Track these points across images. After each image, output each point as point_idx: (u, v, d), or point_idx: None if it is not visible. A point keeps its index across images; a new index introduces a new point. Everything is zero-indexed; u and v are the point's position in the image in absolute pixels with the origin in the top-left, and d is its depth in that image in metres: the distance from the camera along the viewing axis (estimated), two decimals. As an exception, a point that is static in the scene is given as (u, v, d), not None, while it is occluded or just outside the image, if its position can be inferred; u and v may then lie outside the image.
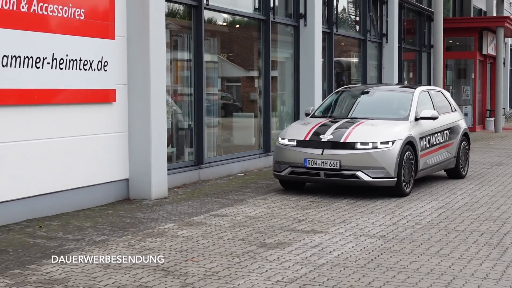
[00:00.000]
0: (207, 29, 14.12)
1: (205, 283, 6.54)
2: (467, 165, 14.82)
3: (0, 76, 8.96)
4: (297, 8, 17.21)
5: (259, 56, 16.23)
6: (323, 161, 11.35)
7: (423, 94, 13.57)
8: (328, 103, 14.07)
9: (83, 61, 10.37)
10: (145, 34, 11.27)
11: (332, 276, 6.79)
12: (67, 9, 10.04)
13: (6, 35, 9.07)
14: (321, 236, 8.56)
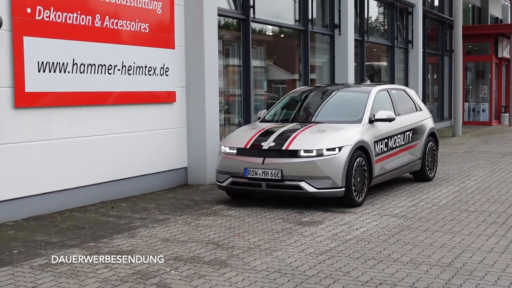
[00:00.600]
0: (254, 39, 14.22)
1: (249, 254, 6.68)
2: (435, 167, 12.23)
3: (79, 81, 9.24)
4: (333, 19, 17.21)
5: (300, 61, 16.27)
6: (264, 170, 8.99)
7: (381, 94, 10.94)
8: (280, 106, 11.37)
9: (148, 67, 10.58)
10: (200, 44, 11.41)
11: (357, 249, 6.87)
12: (134, 24, 10.25)
13: (83, 46, 9.32)
14: (349, 216, 8.63)
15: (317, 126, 9.71)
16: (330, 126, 9.71)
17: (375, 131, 9.96)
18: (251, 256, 6.64)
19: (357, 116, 9.97)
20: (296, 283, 5.70)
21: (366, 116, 9.94)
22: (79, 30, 9.24)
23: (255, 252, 6.79)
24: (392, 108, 10.90)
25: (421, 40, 23.17)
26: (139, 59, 10.36)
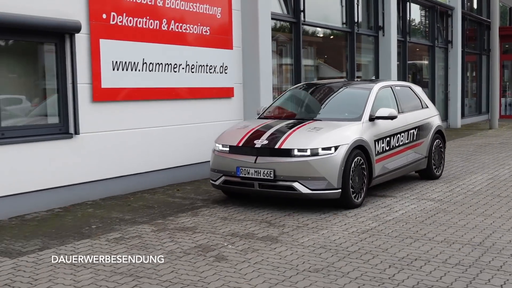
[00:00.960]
0: (304, 40, 14.31)
1: (297, 232, 6.81)
2: (441, 165, 10.83)
3: (147, 78, 9.50)
4: (377, 21, 17.13)
5: (347, 60, 16.26)
6: (256, 170, 7.85)
7: (384, 91, 9.57)
8: (280, 102, 10.18)
9: (209, 66, 10.77)
10: (255, 44, 11.54)
11: (396, 229, 6.93)
12: (196, 27, 10.46)
13: (152, 47, 9.56)
14: (390, 199, 8.67)
15: (314, 124, 8.47)
16: (328, 123, 8.46)
17: (376, 129, 8.71)
18: (300, 233, 6.78)
19: (357, 114, 8.71)
20: (339, 258, 5.81)
21: (366, 113, 8.68)
22: (148, 33, 9.50)
23: (303, 230, 6.93)
24: (396, 105, 9.61)
25: (460, 40, 22.79)
26: (201, 59, 10.57)
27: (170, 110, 10.05)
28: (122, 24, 9.02)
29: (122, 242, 6.43)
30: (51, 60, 8.40)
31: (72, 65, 8.35)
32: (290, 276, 5.28)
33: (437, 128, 10.65)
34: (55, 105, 8.40)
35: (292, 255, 5.92)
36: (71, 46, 8.34)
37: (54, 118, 8.40)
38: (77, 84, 8.41)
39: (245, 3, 11.59)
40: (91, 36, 8.58)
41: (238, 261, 5.74)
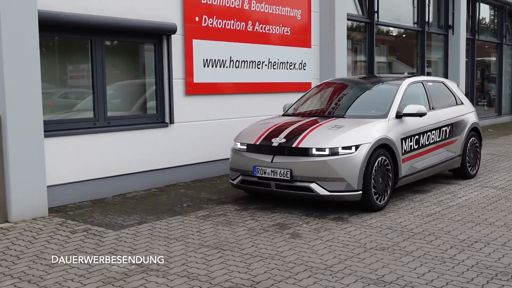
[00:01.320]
0: (378, 39, 14.16)
1: (366, 214, 6.85)
2: (477, 164, 9.51)
3: (234, 74, 9.69)
4: (447, 20, 16.73)
5: (417, 57, 16.01)
6: (273, 169, 6.93)
7: (414, 87, 8.42)
8: (305, 99, 8.98)
9: (289, 63, 10.87)
10: (331, 43, 11.54)
11: (459, 214, 6.85)
12: (278, 28, 10.58)
13: (238, 46, 9.73)
14: (455, 186, 8.54)
15: (337, 121, 7.40)
16: (351, 121, 7.43)
17: (404, 127, 7.59)
18: (368, 215, 6.81)
19: (383, 111, 7.60)
20: (404, 238, 5.82)
21: (393, 110, 7.57)
22: (235, 34, 9.69)
23: (371, 212, 6.94)
24: (427, 101, 8.48)
25: (527, 38, 21.96)
26: (282, 56, 10.68)
27: (253, 103, 10.19)
28: (212, 26, 9.24)
29: (209, 219, 6.65)
30: (150, 58, 8.71)
31: (168, 63, 8.64)
32: (358, 253, 5.35)
33: (473, 125, 9.35)
34: (153, 98, 8.72)
35: (361, 234, 5.97)
36: (168, 46, 8.63)
37: (152, 109, 8.73)
38: (172, 80, 8.69)
39: (323, 5, 11.60)
40: (185, 37, 8.84)
41: (311, 238, 5.85)
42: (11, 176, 6.41)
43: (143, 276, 4.75)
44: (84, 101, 7.92)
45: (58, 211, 6.98)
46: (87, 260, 5.17)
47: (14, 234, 5.98)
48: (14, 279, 4.69)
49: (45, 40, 7.30)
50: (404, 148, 7.53)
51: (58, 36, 7.52)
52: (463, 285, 4.52)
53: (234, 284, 4.57)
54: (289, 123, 7.61)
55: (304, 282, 4.61)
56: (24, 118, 6.51)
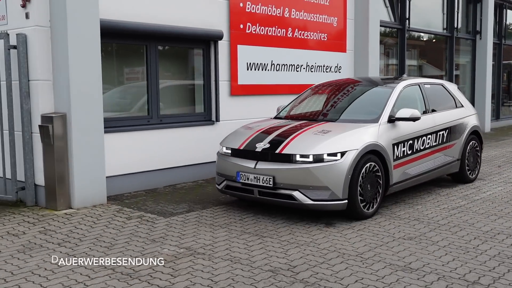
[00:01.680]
0: (409, 43, 13.97)
1: (396, 206, 6.79)
2: (477, 168, 8.55)
3: (274, 77, 9.69)
4: (474, 26, 16.36)
5: (446, 61, 15.72)
6: (256, 176, 6.09)
7: (410, 90, 7.49)
8: (299, 101, 8.02)
9: (325, 66, 10.82)
10: (365, 48, 11.44)
11: (483, 207, 6.73)
12: (316, 34, 10.54)
13: (279, 51, 9.74)
14: (479, 182, 8.36)
15: (324, 126, 6.54)
16: (340, 126, 6.60)
17: (396, 132, 6.72)
18: (397, 207, 6.75)
19: (375, 115, 6.73)
20: (430, 229, 5.75)
21: (385, 114, 6.70)
22: (276, 40, 9.69)
23: (400, 205, 6.89)
24: (423, 105, 7.59)
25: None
26: (319, 60, 10.64)
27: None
28: (255, 32, 9.28)
29: (250, 209, 6.70)
30: (199, 62, 8.79)
31: (215, 66, 8.71)
32: (387, 242, 5.31)
33: (473, 128, 8.40)
34: (201, 98, 8.81)
35: (390, 225, 5.93)
36: (215, 50, 8.69)
37: (200, 108, 8.81)
38: (219, 81, 8.76)
39: (358, 13, 11.50)
40: (231, 42, 8.90)
41: (344, 227, 5.83)
42: (74, 167, 6.58)
43: (190, 259, 4.83)
44: (140, 101, 8.06)
45: (115, 199, 7.13)
46: (141, 243, 5.28)
47: (77, 219, 6.15)
48: (77, 259, 4.83)
49: (106, 45, 7.45)
50: (396, 154, 6.67)
51: (117, 42, 7.67)
52: (485, 273, 4.45)
53: (272, 267, 4.60)
54: (277, 127, 6.73)
55: (336, 267, 4.61)
56: (87, 116, 6.67)
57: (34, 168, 6.80)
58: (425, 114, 7.43)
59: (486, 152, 11.78)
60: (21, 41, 6.58)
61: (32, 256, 4.91)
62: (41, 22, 6.61)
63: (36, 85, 6.65)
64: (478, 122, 8.69)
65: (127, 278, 4.36)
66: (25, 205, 6.80)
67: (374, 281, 4.29)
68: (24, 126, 6.69)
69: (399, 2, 13.30)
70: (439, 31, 15.36)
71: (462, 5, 15.89)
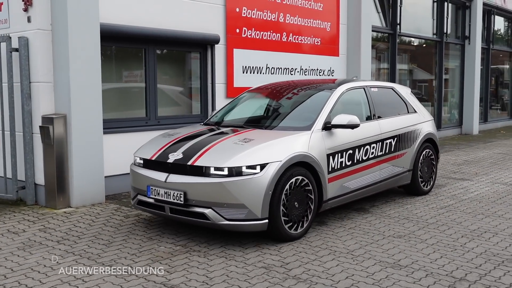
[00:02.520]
0: (400, 48, 13.99)
1: (386, 205, 6.80)
2: (432, 178, 7.55)
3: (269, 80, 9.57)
4: (463, 31, 16.41)
5: (436, 65, 15.76)
6: (166, 191, 5.13)
7: (352, 93, 6.51)
8: (231, 106, 6.98)
9: (318, 70, 10.84)
10: (357, 52, 11.46)
11: (470, 207, 6.74)
12: (309, 39, 10.55)
13: (273, 55, 9.75)
14: (467, 182, 8.38)
15: (248, 134, 5.57)
16: (266, 134, 5.70)
17: (333, 140, 5.76)
18: (388, 206, 6.75)
19: (309, 121, 5.77)
20: (419, 227, 5.76)
21: (319, 121, 5.74)
22: (271, 44, 9.71)
23: (391, 204, 6.89)
24: (369, 110, 6.66)
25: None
26: (312, 64, 10.66)
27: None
28: (251, 36, 9.29)
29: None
30: (196, 65, 8.80)
31: (212, 69, 8.71)
32: (378, 240, 5.32)
33: (427, 136, 7.40)
34: (198, 100, 8.81)
35: (380, 223, 5.94)
36: (211, 54, 8.70)
37: (197, 110, 8.81)
38: (215, 84, 8.76)
39: (351, 18, 11.53)
40: (227, 46, 8.90)
41: (336, 226, 5.84)
42: (74, 167, 6.57)
43: (186, 256, 4.83)
44: (138, 102, 8.05)
45: (113, 198, 7.12)
46: (138, 241, 5.27)
47: (76, 218, 6.14)
48: (76, 256, 4.82)
49: (105, 48, 7.45)
50: (332, 165, 5.72)
51: (116, 45, 7.67)
52: (472, 270, 4.47)
53: (266, 264, 4.60)
54: (198, 134, 5.78)
55: (328, 264, 4.62)
56: (86, 117, 6.66)
57: (34, 168, 6.79)
58: (369, 120, 6.55)
59: (474, 153, 11.83)
60: (23, 44, 6.57)
61: (31, 254, 4.90)
62: (42, 26, 6.60)
63: (37, 87, 6.64)
64: (433, 129, 7.70)
65: (125, 275, 4.36)
66: (25, 204, 6.79)
67: (364, 278, 4.30)
68: (25, 126, 6.68)
69: (391, 8, 13.34)
70: (429, 36, 15.40)
71: (451, 11, 15.93)
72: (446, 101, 16.51)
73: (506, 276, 4.33)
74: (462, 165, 10.13)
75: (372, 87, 6.98)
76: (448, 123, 16.31)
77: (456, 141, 14.40)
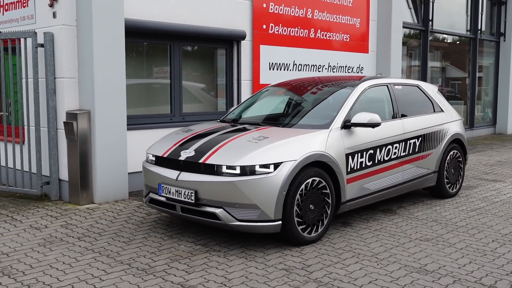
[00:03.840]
0: (432, 45, 13.68)
1: (414, 207, 6.61)
2: (459, 181, 7.23)
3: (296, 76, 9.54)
4: (499, 28, 15.95)
5: (469, 62, 15.36)
6: (178, 189, 4.97)
7: (374, 91, 6.24)
8: (249, 102, 6.75)
9: (347, 67, 10.65)
10: (387, 49, 11.23)
11: (502, 209, 6.50)
12: (338, 35, 10.37)
13: (301, 51, 9.61)
14: (500, 184, 8.11)
15: (264, 131, 5.36)
16: (283, 131, 5.41)
17: (353, 140, 5.52)
18: (416, 208, 6.56)
19: (327, 119, 5.52)
20: (448, 230, 5.57)
21: (338, 119, 5.50)
22: (298, 40, 9.56)
23: (419, 205, 6.70)
24: (391, 108, 6.37)
25: None
26: (341, 61, 10.47)
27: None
28: (278, 32, 9.16)
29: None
30: (222, 61, 8.71)
31: (238, 65, 8.62)
32: (404, 243, 5.15)
33: (454, 136, 7.09)
34: (223, 96, 8.71)
35: (407, 225, 5.76)
36: (237, 50, 8.61)
37: (222, 106, 8.73)
38: (241, 81, 8.67)
39: (381, 14, 11.29)
40: (253, 42, 8.79)
41: (361, 227, 5.68)
42: (97, 163, 6.56)
43: (206, 255, 4.74)
44: (163, 99, 8.01)
45: (137, 195, 7.09)
46: (158, 239, 5.21)
47: (98, 214, 6.12)
48: (95, 253, 4.78)
49: (130, 44, 7.42)
50: (351, 165, 5.48)
51: (141, 41, 7.63)
52: (502, 277, 4.27)
53: (287, 266, 4.48)
54: (212, 132, 5.56)
55: (351, 267, 4.47)
56: (110, 113, 6.64)
57: (59, 163, 6.80)
58: (392, 119, 6.30)
59: (508, 153, 11.48)
60: (48, 39, 6.58)
61: (52, 250, 4.88)
62: (67, 21, 6.60)
63: (61, 82, 6.64)
64: (461, 129, 7.35)
65: (142, 274, 4.30)
66: (49, 199, 6.81)
67: (388, 283, 4.14)
68: (50, 122, 6.70)
69: (423, 4, 13.03)
70: (463, 32, 15.01)
71: (486, 7, 15.50)
72: (480, 99, 16.09)
73: (539, 285, 4.12)
74: (495, 166, 9.82)
75: (396, 84, 6.68)
76: (481, 122, 15.90)
77: (489, 141, 14.02)
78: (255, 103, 6.74)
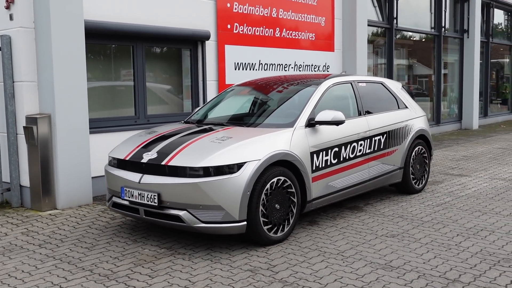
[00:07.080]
0: (397, 42, 13.82)
1: (380, 203, 6.63)
2: (424, 177, 7.28)
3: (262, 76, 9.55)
4: (462, 25, 16.20)
5: (434, 60, 15.56)
6: (140, 192, 4.88)
7: (338, 88, 6.23)
8: (214, 103, 6.66)
9: (313, 65, 10.66)
10: (353, 47, 11.29)
11: (467, 203, 6.57)
12: (304, 34, 10.38)
13: (266, 51, 9.58)
14: (465, 178, 8.21)
15: (227, 132, 5.34)
16: (246, 131, 5.37)
17: (317, 138, 5.50)
18: (382, 204, 6.58)
19: (291, 118, 5.51)
20: (413, 226, 5.59)
21: (302, 118, 5.48)
22: (264, 40, 9.53)
23: (385, 202, 6.72)
24: (356, 106, 6.35)
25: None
26: (307, 59, 10.48)
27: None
28: (243, 32, 9.12)
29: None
30: (186, 62, 8.63)
31: (203, 66, 8.55)
32: (370, 239, 5.15)
33: (419, 132, 7.11)
34: (189, 97, 8.63)
35: (373, 222, 5.77)
36: (202, 51, 8.53)
37: (188, 108, 8.65)
38: (206, 81, 8.59)
39: (346, 13, 11.35)
40: (218, 42, 8.73)
41: (327, 225, 5.66)
42: (59, 168, 6.41)
43: (170, 259, 4.66)
44: (126, 101, 7.89)
45: (101, 200, 6.96)
46: (122, 244, 5.11)
47: (60, 220, 5.98)
48: (56, 260, 4.66)
49: (91, 46, 7.28)
50: (316, 164, 5.46)
51: (102, 43, 7.50)
52: (467, 270, 4.29)
53: (252, 267, 4.43)
54: (176, 133, 5.47)
55: (316, 266, 4.45)
56: (71, 117, 6.50)
57: (20, 169, 6.63)
58: (357, 116, 6.27)
59: (473, 148, 11.64)
60: (5, 42, 6.41)
61: (11, 258, 4.74)
62: (25, 24, 6.44)
63: (20, 86, 6.47)
64: (426, 125, 7.38)
65: (104, 280, 4.20)
66: (10, 206, 6.64)
67: (353, 280, 4.13)
68: (9, 127, 6.52)
69: (387, 2, 13.15)
70: (427, 30, 15.21)
71: (449, 4, 15.74)
72: (446, 95, 16.33)
73: (501, 277, 4.16)
74: (461, 161, 9.95)
75: (360, 82, 6.67)
76: (447, 118, 16.12)
77: (455, 136, 14.22)
78: (220, 103, 6.67)
